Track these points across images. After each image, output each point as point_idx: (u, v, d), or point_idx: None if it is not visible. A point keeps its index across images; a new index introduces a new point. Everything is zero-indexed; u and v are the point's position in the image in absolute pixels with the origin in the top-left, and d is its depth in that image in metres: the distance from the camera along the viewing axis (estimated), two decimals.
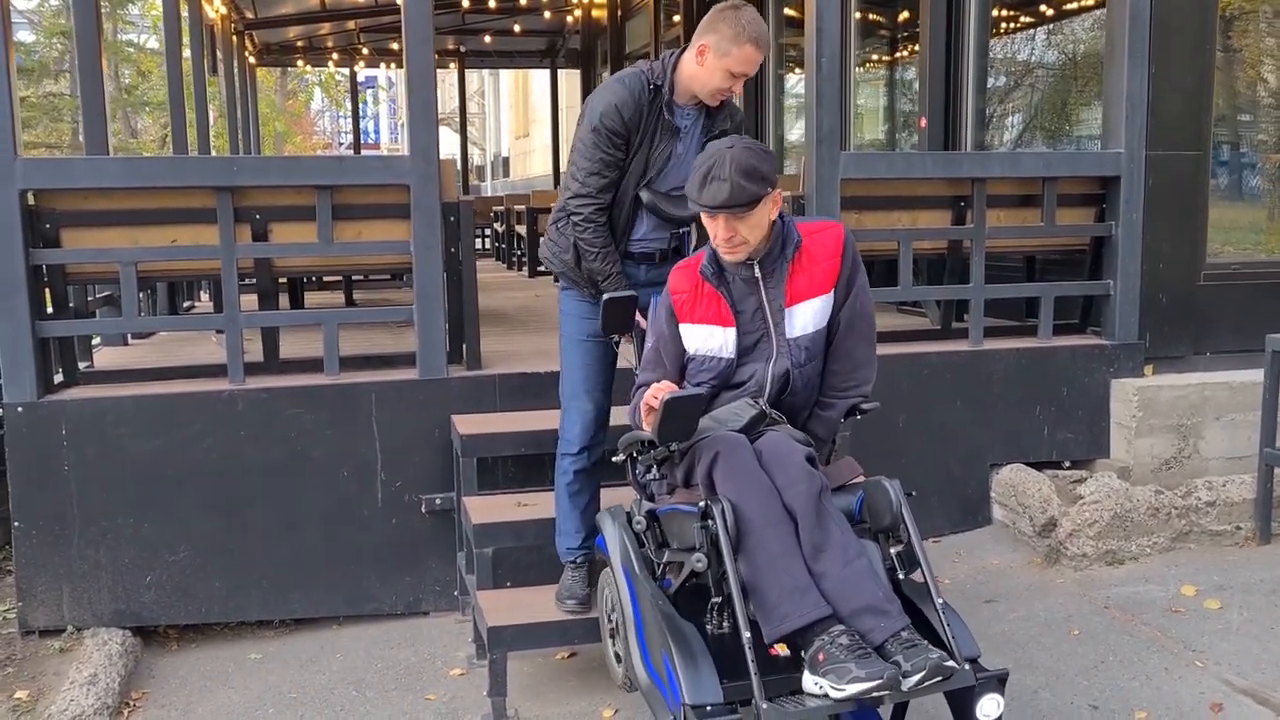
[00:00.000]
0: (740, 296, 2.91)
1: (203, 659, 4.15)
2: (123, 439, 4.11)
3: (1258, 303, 5.28)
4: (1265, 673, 3.63)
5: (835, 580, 2.57)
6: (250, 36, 13.35)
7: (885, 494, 2.72)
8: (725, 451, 2.71)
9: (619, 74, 3.32)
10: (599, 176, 3.25)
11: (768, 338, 2.91)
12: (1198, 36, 5.13)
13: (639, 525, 2.93)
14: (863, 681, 2.37)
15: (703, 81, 3.22)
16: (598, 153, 3.23)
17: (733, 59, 3.16)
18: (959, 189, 5.05)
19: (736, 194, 2.70)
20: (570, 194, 3.31)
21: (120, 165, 4.45)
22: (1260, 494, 4.66)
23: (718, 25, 3.16)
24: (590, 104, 3.27)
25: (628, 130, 3.22)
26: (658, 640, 2.70)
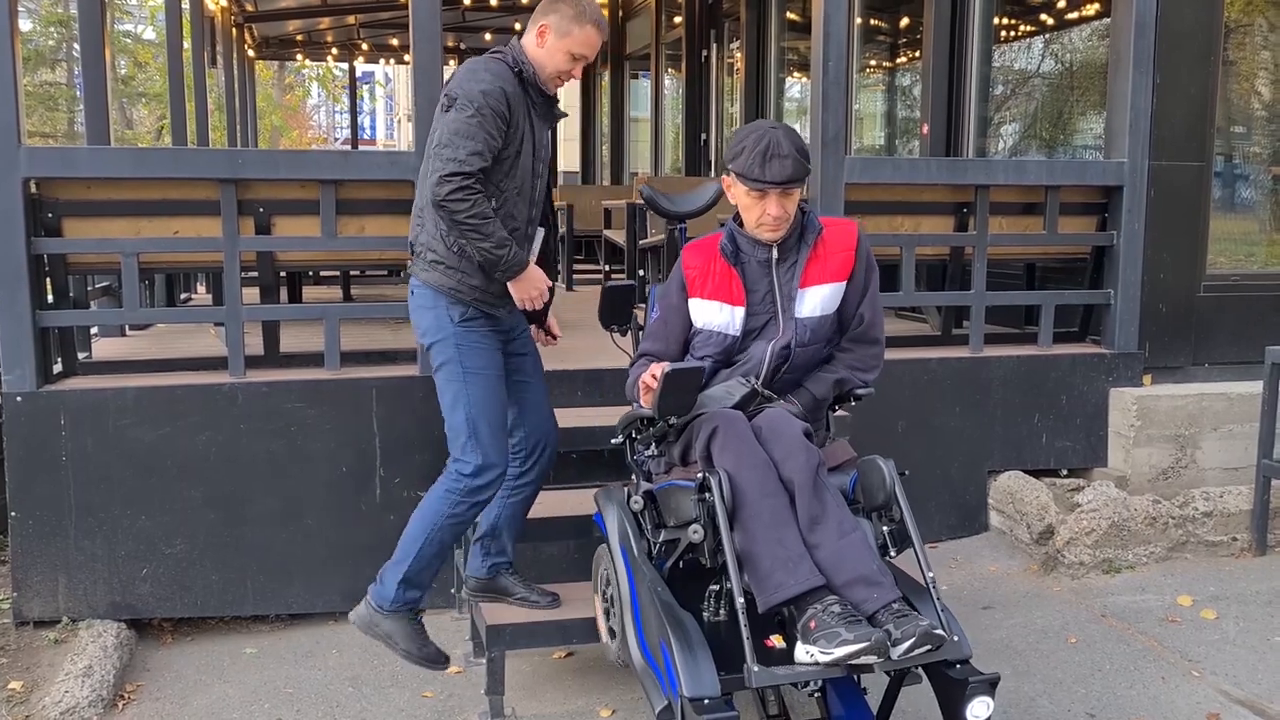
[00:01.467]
0: (753, 278, 2.98)
1: (198, 652, 4.13)
2: (122, 430, 4.09)
3: (1257, 314, 5.31)
4: (1261, 684, 3.65)
5: (830, 551, 2.61)
6: (250, 29, 13.31)
7: (879, 472, 2.77)
8: (723, 425, 2.76)
9: (478, 62, 3.16)
10: (480, 158, 3.05)
11: (775, 320, 2.98)
12: (1202, 47, 5.15)
13: (636, 505, 2.97)
14: (851, 644, 2.41)
15: (542, 64, 3.17)
16: (481, 133, 3.04)
17: (574, 39, 3.15)
18: (962, 195, 5.06)
19: (797, 169, 2.83)
20: (445, 172, 3.02)
21: (125, 155, 4.45)
22: (1257, 505, 4.67)
23: (557, 5, 3.15)
24: (463, 88, 3.07)
25: (511, 113, 3.11)
26: (655, 627, 2.72)
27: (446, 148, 3.05)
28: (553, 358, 4.81)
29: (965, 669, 2.63)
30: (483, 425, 3.21)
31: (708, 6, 10.58)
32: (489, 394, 3.23)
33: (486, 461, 3.22)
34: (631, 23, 12.94)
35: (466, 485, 3.23)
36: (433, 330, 3.24)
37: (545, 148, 3.30)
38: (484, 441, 3.21)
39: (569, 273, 8.58)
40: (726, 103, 10.62)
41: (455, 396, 3.22)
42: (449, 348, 3.21)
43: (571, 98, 16.10)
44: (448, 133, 3.06)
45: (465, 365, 3.20)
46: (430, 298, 3.21)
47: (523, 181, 3.21)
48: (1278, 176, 6.18)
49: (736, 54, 10.01)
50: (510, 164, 3.15)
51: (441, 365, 3.24)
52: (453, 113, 3.08)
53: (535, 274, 3.22)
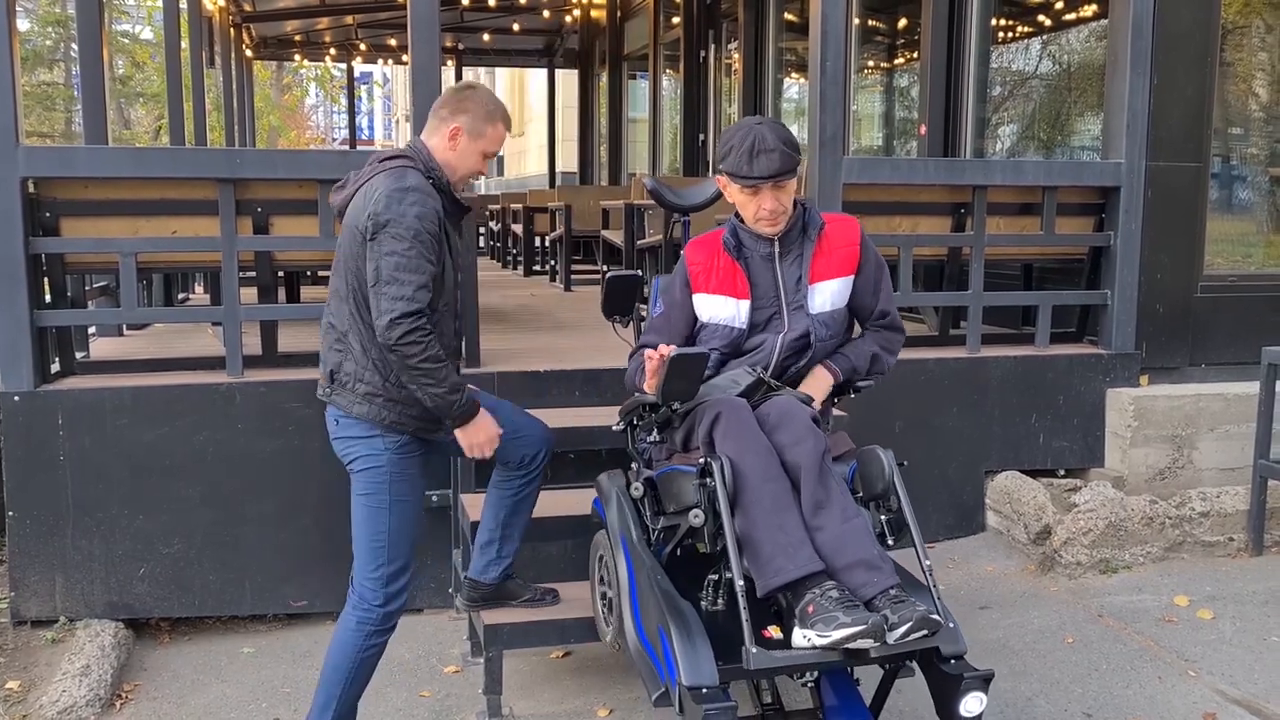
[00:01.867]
0: (757, 272, 3.01)
1: (195, 652, 4.13)
2: (120, 430, 4.09)
3: (1254, 315, 5.31)
4: (1258, 683, 3.65)
5: (832, 534, 2.64)
6: (248, 29, 13.31)
7: (878, 462, 2.81)
8: (726, 412, 2.78)
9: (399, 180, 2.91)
10: (426, 290, 2.87)
11: (780, 314, 3.01)
12: (1199, 48, 5.16)
13: (636, 492, 2.99)
14: (849, 627, 2.43)
15: (454, 166, 3.05)
16: (424, 263, 2.86)
17: (487, 139, 3.06)
18: (960, 196, 5.06)
19: (785, 161, 2.85)
20: (396, 314, 2.83)
21: (123, 155, 4.45)
22: (1254, 505, 4.68)
23: (466, 106, 3.02)
24: (395, 213, 2.85)
25: (445, 233, 2.97)
26: (654, 614, 2.73)
27: (391, 284, 2.85)
28: (551, 358, 4.84)
29: (960, 664, 2.65)
30: (397, 555, 3.09)
31: (706, 7, 10.60)
32: (406, 523, 3.11)
33: (395, 589, 3.11)
34: (630, 23, 12.95)
35: (380, 614, 3.09)
36: (365, 459, 3.05)
37: (461, 254, 3.19)
38: (394, 570, 3.09)
39: (567, 273, 8.59)
40: (725, 103, 10.63)
41: (376, 525, 3.07)
42: (380, 476, 3.05)
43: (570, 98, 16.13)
44: (388, 268, 2.85)
45: (392, 495, 3.06)
46: (363, 428, 3.02)
47: (450, 297, 3.06)
48: (1275, 177, 6.19)
49: (734, 54, 10.02)
50: (437, 282, 2.95)
51: (366, 493, 3.08)
52: (387, 241, 2.86)
53: (486, 420, 3.08)
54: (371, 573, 3.08)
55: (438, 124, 3.04)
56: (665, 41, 11.71)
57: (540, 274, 9.94)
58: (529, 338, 5.63)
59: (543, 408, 4.46)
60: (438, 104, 3.07)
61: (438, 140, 3.04)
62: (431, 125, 3.06)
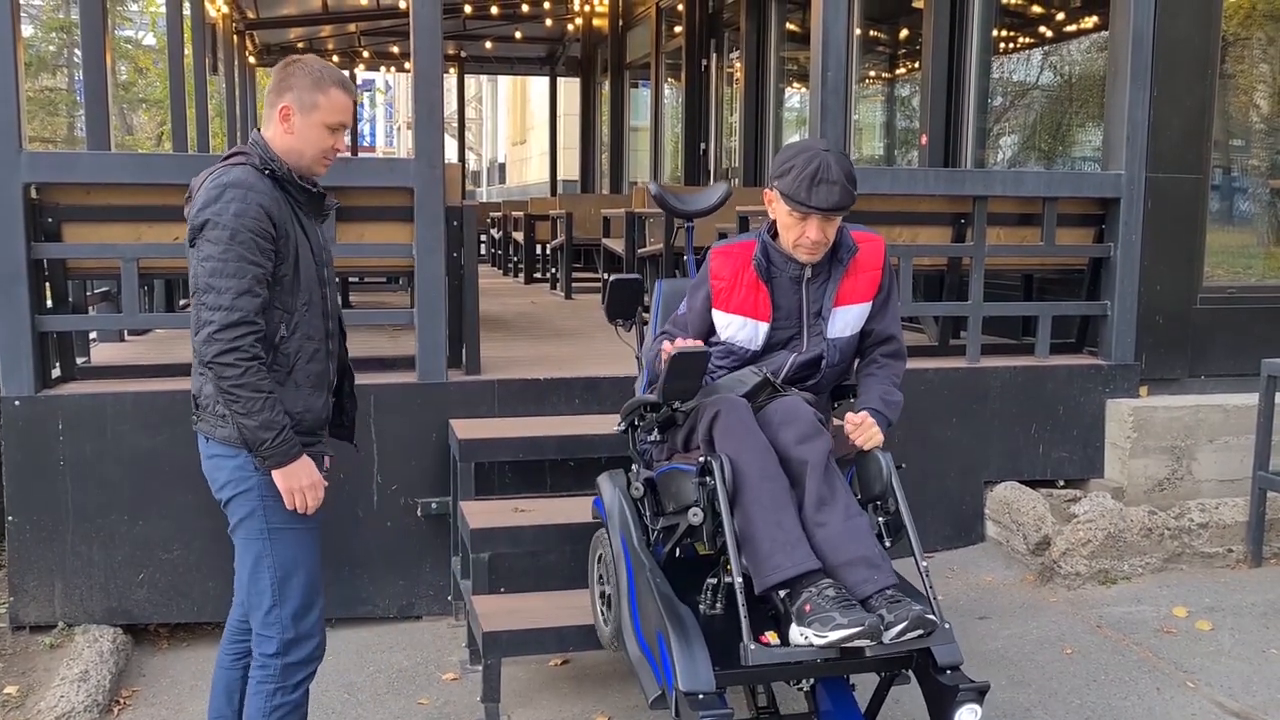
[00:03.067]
0: (782, 293, 2.97)
1: (194, 658, 4.13)
2: (120, 435, 4.09)
3: (1254, 327, 5.32)
4: (1257, 695, 3.65)
5: (834, 530, 2.65)
6: (251, 36, 13.34)
7: (877, 463, 2.83)
8: (725, 409, 2.79)
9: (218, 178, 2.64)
10: (251, 296, 2.57)
11: (800, 335, 2.99)
12: (1200, 61, 5.18)
13: (636, 492, 3.00)
14: (846, 628, 2.44)
15: (300, 150, 2.72)
16: (245, 266, 2.56)
17: (323, 110, 2.70)
18: (960, 206, 5.07)
19: (844, 198, 2.78)
20: (215, 328, 2.54)
21: (126, 161, 4.46)
22: (1253, 517, 4.68)
23: (290, 82, 2.71)
24: (211, 213, 2.57)
25: (276, 227, 2.64)
26: (653, 618, 2.75)
27: (208, 293, 2.56)
28: (551, 365, 4.84)
29: (956, 675, 2.66)
30: (291, 592, 2.72)
31: (708, 16, 10.62)
32: (299, 552, 2.74)
33: (295, 636, 2.74)
34: (632, 32, 12.98)
35: (278, 667, 2.73)
36: (233, 482, 2.71)
37: (325, 249, 2.86)
38: (291, 612, 2.73)
39: (568, 281, 8.60)
40: (726, 112, 10.65)
41: (257, 559, 2.73)
42: (251, 500, 2.70)
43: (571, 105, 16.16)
44: (204, 274, 2.57)
45: (270, 521, 2.70)
46: (228, 450, 2.69)
47: (310, 294, 2.74)
48: (1275, 189, 6.20)
49: (736, 64, 10.05)
50: (291, 280, 2.69)
51: (241, 521, 2.74)
52: (203, 246, 2.58)
53: (307, 467, 2.70)
54: (263, 617, 2.73)
55: (268, 111, 2.73)
56: (667, 50, 11.74)
57: (541, 282, 9.95)
58: (529, 345, 5.64)
59: (542, 415, 4.50)
60: (268, 90, 2.75)
61: (272, 129, 2.72)
62: (267, 113, 2.74)
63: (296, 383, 2.73)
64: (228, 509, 2.77)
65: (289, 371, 2.72)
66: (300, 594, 2.75)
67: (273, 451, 2.62)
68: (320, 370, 2.80)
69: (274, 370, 2.68)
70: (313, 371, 2.77)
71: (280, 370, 2.70)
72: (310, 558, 2.79)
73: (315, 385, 2.79)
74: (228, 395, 2.58)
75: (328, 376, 2.85)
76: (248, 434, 2.60)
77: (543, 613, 3.64)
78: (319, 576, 2.82)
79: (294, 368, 2.72)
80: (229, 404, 2.59)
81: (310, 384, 2.77)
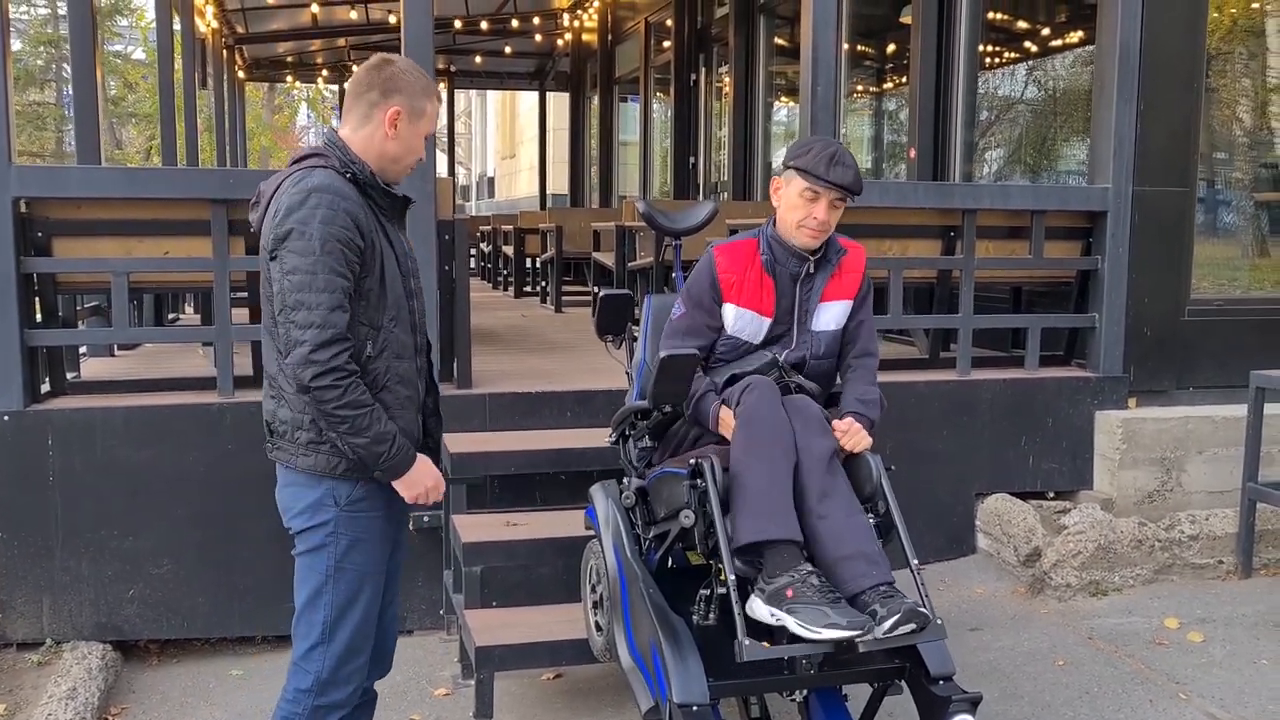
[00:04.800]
0: (781, 290, 3.04)
1: (184, 674, 4.11)
2: (110, 450, 4.08)
3: (1240, 339, 5.34)
4: (1249, 707, 3.66)
5: (836, 523, 2.69)
6: (240, 51, 13.37)
7: (867, 465, 2.88)
8: (757, 383, 2.86)
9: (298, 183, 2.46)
10: (343, 311, 2.42)
11: (790, 332, 3.06)
12: (1186, 75, 5.21)
13: (628, 500, 3.02)
14: (842, 630, 2.46)
15: (397, 156, 2.58)
16: (336, 279, 2.40)
17: (428, 118, 2.61)
18: (949, 219, 5.10)
19: (856, 181, 2.95)
20: (309, 347, 2.37)
21: (116, 175, 4.46)
22: (1242, 528, 4.70)
23: (398, 83, 2.55)
24: (295, 221, 2.40)
25: (362, 236, 2.48)
26: (646, 628, 2.75)
27: (297, 310, 2.39)
28: (542, 379, 4.84)
29: (948, 686, 2.67)
30: (341, 634, 2.60)
31: (696, 31, 10.67)
32: (360, 597, 2.61)
33: (333, 678, 2.62)
34: (621, 47, 13.04)
35: (306, 705, 2.62)
36: (310, 513, 2.57)
37: (409, 257, 2.70)
38: (335, 654, 2.60)
39: (558, 294, 8.61)
40: (715, 126, 10.69)
41: (317, 591, 2.59)
42: (324, 534, 2.57)
43: (561, 120, 16.20)
44: (292, 289, 2.39)
45: (340, 560, 2.58)
46: (310, 481, 2.55)
47: (398, 309, 2.58)
48: (1260, 202, 6.25)
49: (725, 78, 10.10)
50: (377, 294, 2.53)
51: (310, 551, 2.60)
52: (288, 258, 2.40)
53: (425, 466, 2.60)
54: (306, 651, 2.61)
55: (368, 109, 2.54)
56: (656, 65, 11.79)
57: (531, 295, 9.96)
58: (520, 359, 5.64)
59: (534, 429, 4.50)
60: (360, 87, 2.56)
61: (371, 128, 2.54)
62: (360, 112, 2.55)
63: (385, 403, 2.54)
64: (298, 538, 2.63)
65: (378, 392, 2.53)
66: (349, 637, 2.61)
67: (392, 461, 2.50)
68: (410, 390, 2.64)
69: None
70: (402, 392, 2.60)
71: (368, 391, 2.50)
72: (369, 602, 2.64)
73: (404, 405, 2.61)
74: (333, 418, 2.41)
75: (417, 396, 2.68)
76: (363, 452, 2.46)
77: (536, 626, 3.63)
78: (373, 623, 2.69)
79: (383, 388, 2.55)
80: (334, 426, 2.43)
81: (399, 404, 2.59)
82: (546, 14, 13.67)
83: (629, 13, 12.42)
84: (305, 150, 2.61)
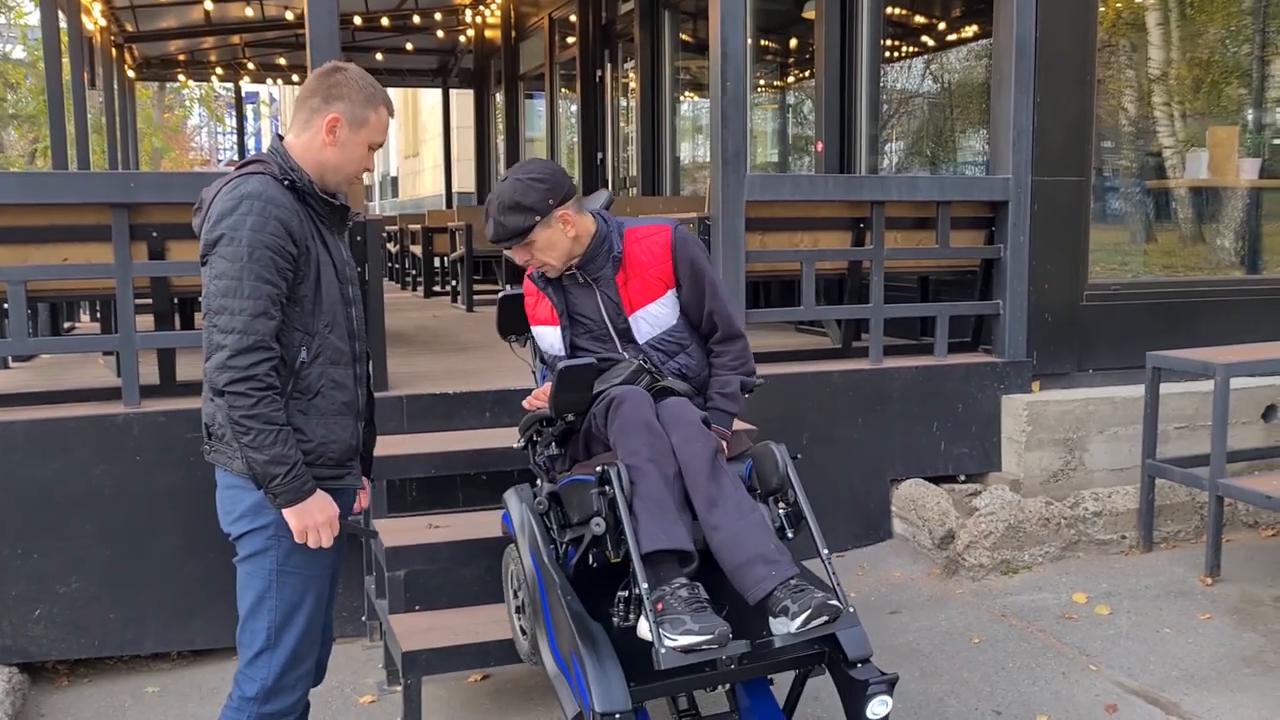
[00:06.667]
0: (578, 299, 3.07)
1: (96, 694, 3.98)
2: (11, 466, 3.92)
3: (1135, 322, 5.55)
4: (1154, 674, 3.81)
5: (730, 532, 2.69)
6: (130, 50, 12.94)
7: (772, 456, 2.88)
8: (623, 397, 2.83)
9: (234, 189, 2.44)
10: (267, 318, 2.40)
11: (609, 338, 3.06)
12: (1079, 68, 5.39)
13: (541, 506, 3.01)
14: (694, 636, 2.46)
15: (337, 165, 2.56)
16: (261, 285, 2.38)
17: (371, 127, 2.58)
18: (858, 211, 5.19)
19: (500, 231, 2.91)
20: (228, 352, 2.36)
21: (9, 180, 4.27)
22: (1143, 504, 4.89)
23: (341, 92, 2.54)
24: (226, 227, 2.39)
25: (296, 243, 2.46)
26: (567, 636, 2.73)
27: (220, 314, 2.38)
28: (459, 380, 4.80)
29: (866, 669, 2.73)
30: (287, 640, 2.57)
31: (601, 27, 10.67)
32: (305, 599, 2.59)
33: (278, 685, 2.58)
34: (525, 43, 12.96)
35: (252, 714, 2.58)
36: (250, 516, 2.54)
37: (349, 265, 2.68)
38: (281, 660, 2.57)
39: (469, 293, 8.54)
40: (622, 122, 10.70)
41: (260, 597, 2.56)
42: (265, 537, 2.54)
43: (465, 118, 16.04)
44: (217, 294, 2.38)
45: (283, 564, 2.55)
46: (249, 482, 2.50)
47: (334, 315, 2.57)
48: (1150, 189, 6.50)
49: (631, 74, 10.12)
50: (312, 300, 2.52)
51: (251, 556, 2.56)
52: (217, 262, 2.39)
53: (322, 501, 2.52)
54: (251, 658, 2.57)
55: (308, 116, 2.54)
56: (561, 61, 11.76)
57: (441, 295, 9.86)
58: (435, 360, 5.58)
59: (453, 430, 4.46)
60: (305, 93, 2.56)
61: (310, 136, 2.54)
62: (301, 119, 2.55)
63: (320, 410, 2.54)
64: (239, 543, 2.59)
65: (311, 398, 2.53)
66: (295, 642, 2.58)
67: (284, 488, 2.44)
68: (347, 397, 2.62)
69: (295, 398, 2.50)
70: (338, 399, 2.58)
71: (302, 397, 2.51)
72: (314, 607, 2.62)
73: (340, 412, 2.60)
74: (238, 426, 2.39)
75: (356, 403, 2.66)
76: (257, 469, 2.42)
77: (462, 629, 3.59)
78: (319, 628, 2.67)
79: (317, 393, 2.54)
80: (238, 435, 2.40)
81: (335, 411, 2.58)
82: (448, 10, 13.53)
83: (532, 9, 12.36)
84: (249, 157, 2.61)
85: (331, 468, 2.59)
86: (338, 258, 2.62)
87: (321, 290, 2.54)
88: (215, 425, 2.55)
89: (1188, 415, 5.36)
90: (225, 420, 2.45)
